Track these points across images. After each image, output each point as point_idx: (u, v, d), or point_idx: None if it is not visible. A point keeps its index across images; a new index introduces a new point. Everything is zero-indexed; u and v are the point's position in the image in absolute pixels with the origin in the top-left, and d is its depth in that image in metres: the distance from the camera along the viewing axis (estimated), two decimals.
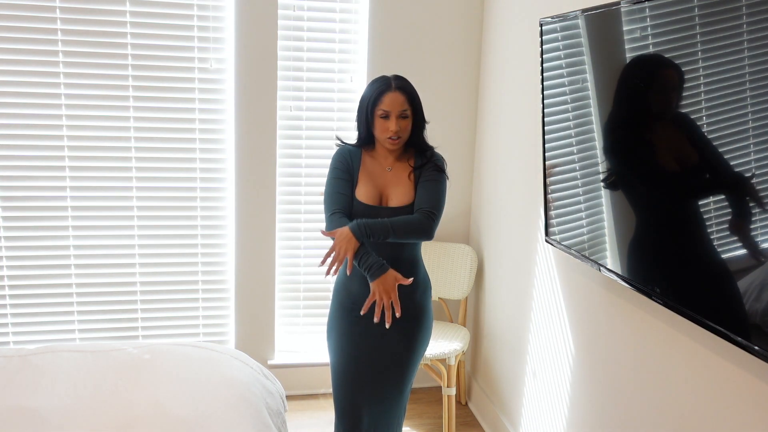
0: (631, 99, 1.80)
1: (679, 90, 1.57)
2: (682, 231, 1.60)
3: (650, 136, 1.72)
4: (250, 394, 2.14)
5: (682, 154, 1.62)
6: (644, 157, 1.76)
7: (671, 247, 1.66)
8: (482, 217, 3.32)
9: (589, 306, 2.25)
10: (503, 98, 3.05)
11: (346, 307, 2.20)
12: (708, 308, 1.52)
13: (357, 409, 2.20)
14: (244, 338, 3.34)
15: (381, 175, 2.17)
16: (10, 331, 3.14)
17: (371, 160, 2.19)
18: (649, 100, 1.71)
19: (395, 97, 2.07)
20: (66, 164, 3.06)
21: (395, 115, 2.06)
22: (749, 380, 1.50)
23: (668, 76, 1.63)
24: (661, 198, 1.69)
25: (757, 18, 1.31)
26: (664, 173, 1.67)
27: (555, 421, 2.50)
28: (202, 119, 3.16)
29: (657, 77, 1.68)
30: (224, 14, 3.09)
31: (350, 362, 2.19)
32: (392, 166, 2.18)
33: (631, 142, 1.83)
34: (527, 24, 2.73)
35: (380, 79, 2.13)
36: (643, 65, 1.72)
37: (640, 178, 1.80)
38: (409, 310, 2.14)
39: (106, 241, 3.16)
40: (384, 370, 2.17)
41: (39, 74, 2.96)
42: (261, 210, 3.24)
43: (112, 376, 2.15)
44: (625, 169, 1.87)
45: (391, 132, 2.06)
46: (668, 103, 1.65)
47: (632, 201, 1.86)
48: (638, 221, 1.84)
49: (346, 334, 2.20)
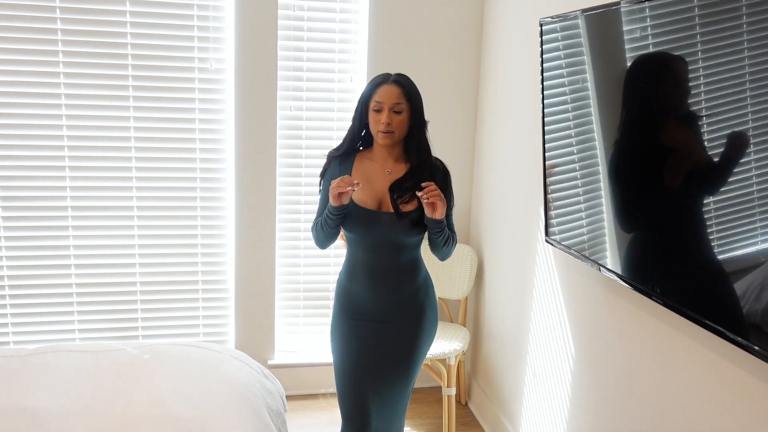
0: (632, 98, 1.80)
1: (679, 89, 1.57)
2: (681, 230, 1.60)
3: (651, 135, 1.72)
4: (250, 394, 2.14)
5: (684, 154, 1.62)
6: (646, 156, 1.76)
7: (671, 247, 1.66)
8: (482, 217, 3.32)
9: (589, 306, 2.25)
10: (503, 98, 3.05)
11: (348, 309, 2.17)
12: (708, 308, 1.52)
13: (364, 409, 2.16)
14: (244, 338, 3.34)
15: (380, 178, 2.11)
16: (10, 331, 3.14)
17: (369, 162, 2.13)
18: (651, 99, 1.71)
19: (390, 89, 2.02)
20: (66, 164, 3.06)
21: (388, 108, 2.00)
22: (749, 380, 1.50)
23: (670, 74, 1.63)
24: (661, 197, 1.69)
25: (757, 18, 1.31)
26: (666, 172, 1.67)
27: (555, 421, 2.50)
28: (202, 119, 3.16)
29: (658, 76, 1.68)
30: (224, 14, 3.09)
31: (354, 364, 2.15)
32: (392, 168, 2.12)
33: (632, 141, 1.83)
34: (527, 24, 2.73)
35: (381, 74, 2.09)
36: (644, 64, 1.72)
37: (640, 177, 1.80)
38: (411, 310, 2.13)
39: (106, 241, 3.16)
40: (387, 369, 2.15)
41: (39, 74, 2.96)
42: (261, 210, 3.24)
43: (112, 376, 2.15)
44: (625, 167, 1.87)
45: (383, 125, 2.01)
46: (670, 103, 1.65)
47: (632, 200, 1.86)
48: (638, 221, 1.84)
49: (349, 337, 2.16)
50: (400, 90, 2.03)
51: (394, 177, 2.10)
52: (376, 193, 2.09)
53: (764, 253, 1.35)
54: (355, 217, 2.07)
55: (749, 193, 1.38)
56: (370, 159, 2.14)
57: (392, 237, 2.06)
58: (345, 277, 2.18)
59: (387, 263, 2.06)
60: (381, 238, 2.07)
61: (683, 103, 1.57)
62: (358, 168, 2.13)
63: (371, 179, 2.10)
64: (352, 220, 2.07)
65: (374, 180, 2.10)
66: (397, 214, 2.04)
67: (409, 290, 2.12)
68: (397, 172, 2.11)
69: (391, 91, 2.02)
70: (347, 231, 2.12)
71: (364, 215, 2.06)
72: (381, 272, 2.09)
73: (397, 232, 2.05)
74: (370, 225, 2.06)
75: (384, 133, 2.02)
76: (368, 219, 2.06)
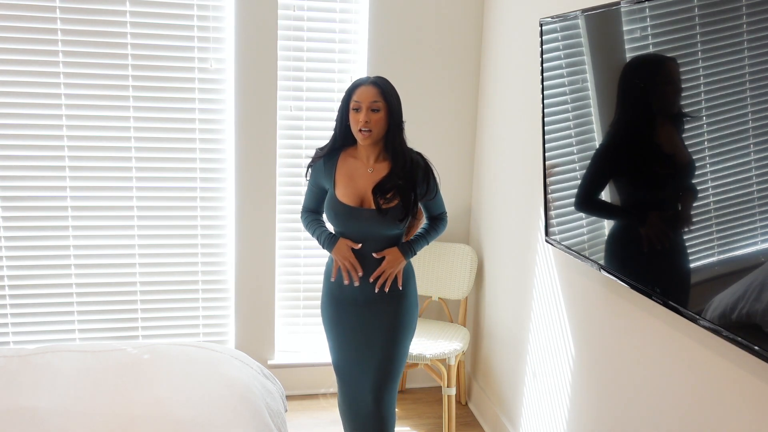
0: (628, 99, 1.80)
1: (674, 88, 1.57)
2: (681, 230, 1.60)
3: (650, 134, 1.72)
4: (251, 394, 2.14)
5: (679, 152, 1.62)
6: (643, 155, 1.76)
7: (670, 246, 1.66)
8: (482, 217, 3.32)
9: (589, 306, 2.25)
10: (503, 98, 3.05)
11: (335, 294, 2.34)
12: (708, 308, 1.52)
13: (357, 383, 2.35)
14: (244, 338, 3.34)
15: (362, 176, 2.25)
16: (10, 331, 3.14)
17: (353, 160, 2.27)
18: (648, 99, 1.71)
19: (368, 89, 2.16)
20: (66, 164, 3.06)
21: (366, 107, 2.14)
22: (749, 380, 1.50)
23: (664, 75, 1.63)
24: (659, 196, 1.69)
25: (757, 18, 1.31)
26: (662, 172, 1.67)
27: (555, 421, 2.50)
28: (202, 119, 3.16)
29: (653, 76, 1.68)
30: (224, 14, 3.09)
31: (345, 344, 2.36)
32: (373, 167, 2.25)
33: (629, 140, 1.83)
34: (527, 24, 2.73)
35: (361, 78, 2.24)
36: (639, 65, 1.72)
37: (638, 177, 1.80)
38: (393, 294, 2.31)
39: (106, 241, 3.16)
40: (375, 347, 2.31)
41: (39, 74, 2.96)
42: (261, 210, 3.24)
43: (112, 376, 2.15)
44: (624, 167, 1.87)
45: (361, 123, 2.14)
46: (665, 102, 1.65)
47: (631, 199, 1.86)
48: (636, 219, 1.84)
49: (338, 320, 2.35)
50: (377, 90, 2.16)
51: (377, 176, 2.24)
52: (358, 191, 2.24)
53: (764, 253, 1.35)
54: (338, 213, 2.24)
55: (749, 193, 1.38)
56: (353, 157, 2.28)
57: (374, 230, 2.23)
58: (332, 262, 2.34)
59: (369, 251, 2.24)
60: (364, 231, 2.23)
61: (676, 102, 1.57)
62: (342, 166, 2.27)
63: (354, 177, 2.25)
64: (336, 215, 2.25)
65: (357, 178, 2.25)
66: (379, 211, 2.20)
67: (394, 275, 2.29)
68: (379, 170, 2.25)
69: (369, 91, 2.16)
70: (331, 223, 2.31)
71: (347, 211, 2.23)
72: (363, 259, 2.26)
73: (378, 226, 2.22)
74: (353, 220, 2.23)
75: (362, 131, 2.16)
76: (351, 215, 2.22)
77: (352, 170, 2.26)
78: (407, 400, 3.47)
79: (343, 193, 2.24)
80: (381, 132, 2.19)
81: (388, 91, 2.18)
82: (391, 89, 2.21)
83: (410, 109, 3.13)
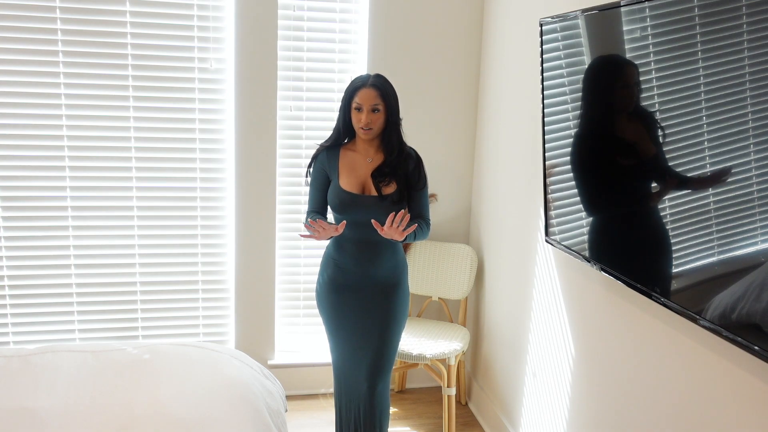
0: (593, 97, 1.80)
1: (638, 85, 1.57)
2: (680, 229, 1.60)
3: (649, 134, 1.72)
4: (251, 394, 2.14)
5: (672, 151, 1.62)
6: (622, 151, 1.76)
7: (671, 246, 1.66)
8: (482, 217, 3.32)
9: (589, 306, 2.25)
10: (503, 98, 3.05)
11: (338, 281, 2.46)
12: (707, 308, 1.52)
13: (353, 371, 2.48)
14: (244, 338, 3.34)
15: (362, 166, 2.43)
16: (10, 331, 3.14)
17: (352, 153, 2.46)
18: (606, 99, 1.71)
19: (368, 92, 2.33)
20: (66, 164, 3.06)
21: (367, 109, 2.33)
22: (749, 380, 1.50)
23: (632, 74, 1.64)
24: (655, 195, 1.69)
25: (757, 18, 1.32)
26: (656, 170, 1.68)
27: (555, 421, 2.50)
28: (202, 119, 3.16)
29: (621, 75, 1.68)
30: (224, 14, 3.09)
31: (343, 329, 2.49)
32: (372, 158, 2.44)
33: (627, 139, 1.83)
34: (527, 24, 2.73)
35: (361, 76, 2.39)
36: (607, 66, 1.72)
37: (632, 174, 1.80)
38: (389, 281, 2.46)
39: (106, 241, 3.16)
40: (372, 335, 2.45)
41: (39, 74, 2.96)
42: (261, 210, 3.25)
43: (112, 376, 2.15)
44: (618, 164, 1.87)
45: (363, 123, 2.34)
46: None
47: (630, 198, 1.86)
48: (636, 217, 1.84)
49: (337, 306, 2.48)
50: (377, 92, 2.34)
51: (375, 165, 2.43)
52: (360, 179, 2.42)
53: (764, 253, 1.35)
54: (342, 200, 2.40)
55: (749, 193, 1.38)
56: (353, 150, 2.47)
57: (374, 216, 2.34)
58: (333, 249, 2.49)
59: (370, 237, 2.37)
60: (366, 216, 2.35)
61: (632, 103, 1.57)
62: (344, 158, 2.46)
63: (355, 167, 2.44)
64: (341, 203, 2.40)
65: (357, 168, 2.43)
66: (379, 196, 2.38)
67: (389, 264, 2.45)
68: (377, 160, 2.44)
69: (369, 93, 2.34)
70: (336, 212, 2.45)
71: (351, 198, 2.40)
72: (365, 245, 2.42)
73: (378, 211, 2.36)
74: (356, 206, 2.39)
75: (364, 129, 2.36)
76: (354, 201, 2.39)
77: (353, 161, 2.44)
78: (407, 400, 3.47)
79: (346, 182, 2.41)
80: (380, 128, 2.39)
81: (387, 91, 2.37)
82: (390, 89, 2.39)
83: (410, 109, 3.13)
